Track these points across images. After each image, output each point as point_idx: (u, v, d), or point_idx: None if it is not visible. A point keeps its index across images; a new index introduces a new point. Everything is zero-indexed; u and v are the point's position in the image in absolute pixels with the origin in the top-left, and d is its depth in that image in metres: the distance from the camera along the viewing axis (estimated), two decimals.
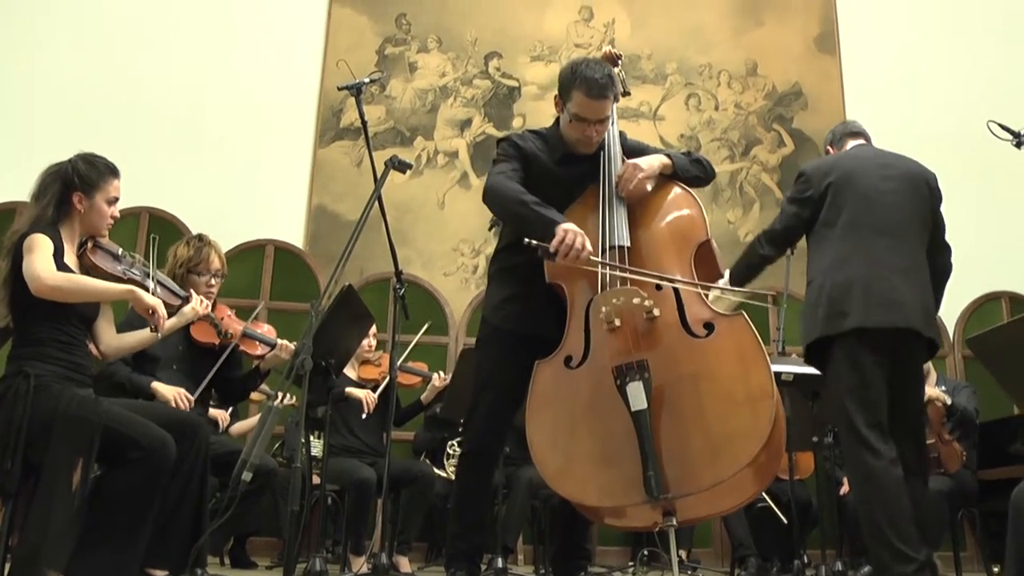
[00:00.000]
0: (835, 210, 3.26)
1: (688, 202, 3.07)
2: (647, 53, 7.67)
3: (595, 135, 3.09)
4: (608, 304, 2.81)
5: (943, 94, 7.57)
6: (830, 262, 3.21)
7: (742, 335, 2.68)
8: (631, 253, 2.95)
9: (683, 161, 3.19)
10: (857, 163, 3.34)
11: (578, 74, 3.03)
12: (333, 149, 7.14)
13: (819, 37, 7.77)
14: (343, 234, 6.57)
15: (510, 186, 2.99)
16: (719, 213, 7.25)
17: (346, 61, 6.52)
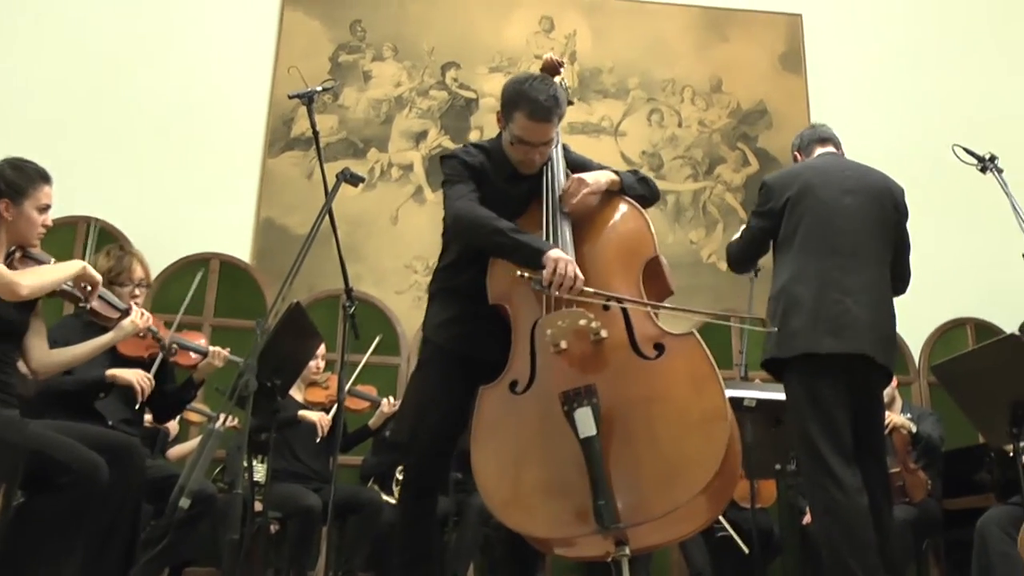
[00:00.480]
0: (792, 225, 3.30)
1: (635, 217, 3.06)
2: (609, 66, 7.73)
3: (538, 158, 3.08)
4: (553, 326, 2.80)
5: (909, 116, 7.73)
6: (786, 279, 3.25)
7: (694, 355, 2.68)
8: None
9: (630, 179, 3.19)
10: (819, 175, 3.37)
11: (522, 95, 3.00)
12: (283, 160, 7.09)
13: (785, 55, 7.90)
14: (292, 249, 6.46)
15: (481, 213, 2.97)
16: (681, 233, 7.31)
17: (298, 68, 6.50)
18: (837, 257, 3.21)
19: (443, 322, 3.15)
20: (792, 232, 3.30)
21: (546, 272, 2.78)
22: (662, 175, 7.47)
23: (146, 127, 6.91)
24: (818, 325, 3.12)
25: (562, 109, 3.06)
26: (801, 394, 3.18)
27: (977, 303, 7.23)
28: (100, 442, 2.88)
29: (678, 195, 7.44)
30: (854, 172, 3.41)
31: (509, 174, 3.15)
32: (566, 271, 2.77)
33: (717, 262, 7.25)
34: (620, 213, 3.10)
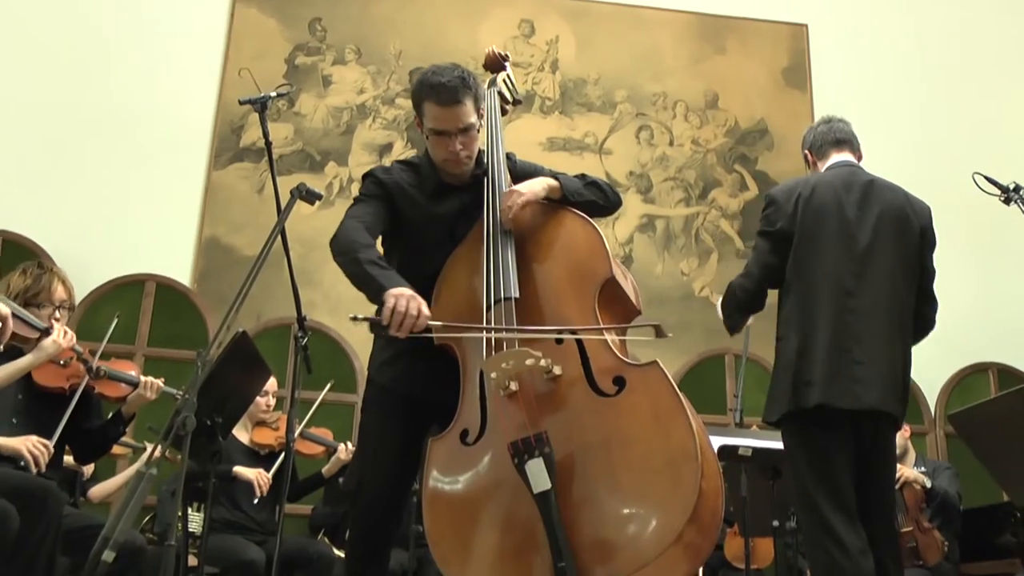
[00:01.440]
0: (803, 252, 3.28)
1: (585, 232, 3.02)
2: (594, 77, 7.78)
3: (461, 149, 3.06)
4: (497, 369, 2.76)
5: (925, 141, 7.78)
6: (798, 317, 3.24)
7: (657, 388, 2.64)
8: (521, 305, 2.90)
9: (574, 183, 3.15)
10: (833, 194, 3.34)
11: (425, 83, 3.03)
12: (230, 172, 7.06)
13: (788, 70, 7.98)
14: (239, 271, 6.48)
15: (351, 238, 2.96)
16: (671, 263, 7.33)
17: (249, 70, 6.46)
18: (851, 299, 3.20)
19: (388, 360, 3.14)
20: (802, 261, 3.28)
21: (384, 311, 2.74)
22: (651, 198, 7.51)
23: (74, 131, 6.85)
24: (830, 375, 3.11)
25: (475, 90, 3.05)
26: (798, 444, 3.17)
27: (999, 346, 7.26)
28: (9, 487, 2.81)
29: (668, 221, 7.47)
30: (873, 193, 3.37)
31: (435, 187, 3.14)
32: (406, 308, 2.72)
33: (711, 295, 7.27)
34: (565, 228, 3.05)
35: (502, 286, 2.91)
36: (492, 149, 3.22)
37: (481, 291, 2.93)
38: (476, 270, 3.00)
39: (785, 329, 3.27)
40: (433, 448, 2.87)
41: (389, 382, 3.11)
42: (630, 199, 7.39)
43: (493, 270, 2.94)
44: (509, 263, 2.95)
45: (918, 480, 5.14)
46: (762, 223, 3.43)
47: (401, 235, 3.18)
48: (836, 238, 3.26)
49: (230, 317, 2.82)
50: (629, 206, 7.34)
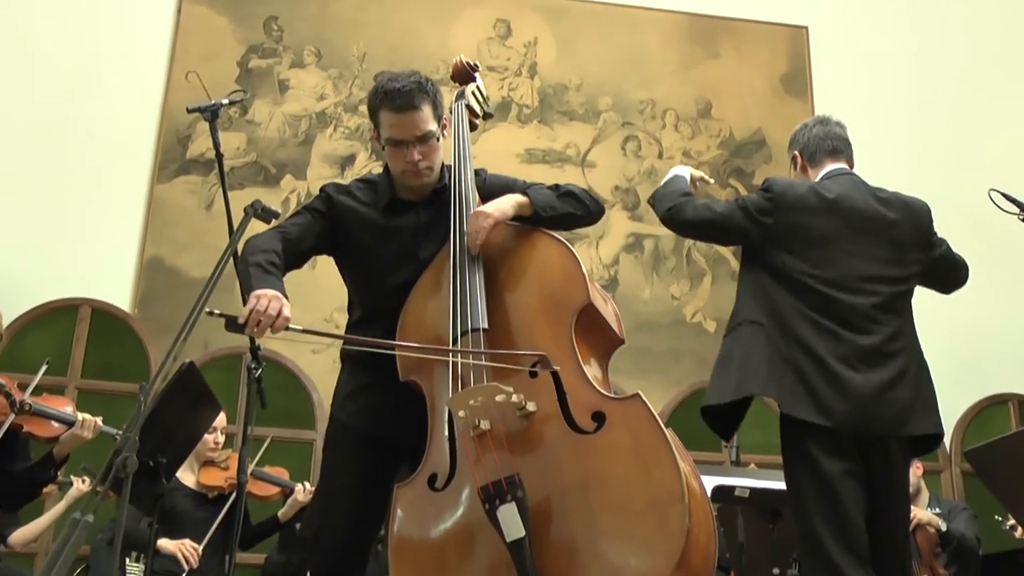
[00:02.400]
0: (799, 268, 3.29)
1: (559, 255, 3.02)
2: (576, 83, 7.82)
3: (420, 159, 3.07)
4: (464, 406, 2.76)
5: (936, 154, 7.83)
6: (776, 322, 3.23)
7: (639, 422, 2.64)
8: (491, 336, 2.91)
9: (545, 197, 3.14)
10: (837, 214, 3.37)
11: (380, 90, 3.06)
12: (176, 186, 7.04)
13: (787, 76, 8.06)
14: (185, 296, 6.45)
15: (258, 242, 3.01)
16: (660, 286, 7.35)
17: (198, 74, 6.43)
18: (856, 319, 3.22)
19: (351, 393, 3.16)
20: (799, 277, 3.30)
21: (245, 309, 2.76)
22: (638, 215, 7.53)
23: (1, 139, 6.83)
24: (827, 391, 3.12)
25: (433, 96, 3.08)
26: (807, 477, 3.17)
27: (1020, 376, 7.29)
28: None
29: (657, 240, 7.49)
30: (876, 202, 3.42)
31: (388, 202, 3.17)
32: (266, 307, 2.74)
33: (704, 321, 7.30)
34: (537, 251, 3.06)
35: (469, 316, 2.91)
36: (460, 167, 3.23)
37: (447, 321, 2.93)
38: (441, 298, 3.01)
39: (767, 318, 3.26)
40: (399, 495, 2.87)
41: (351, 418, 3.11)
42: (616, 216, 7.42)
43: (460, 298, 2.95)
44: (477, 290, 2.96)
45: (932, 523, 5.15)
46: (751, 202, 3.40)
47: (356, 258, 3.20)
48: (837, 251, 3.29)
49: (177, 347, 2.80)
50: (615, 224, 7.37)
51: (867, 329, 3.21)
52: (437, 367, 2.93)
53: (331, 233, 3.16)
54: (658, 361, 6.97)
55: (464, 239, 3.05)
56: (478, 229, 3.02)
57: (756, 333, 3.25)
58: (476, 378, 2.82)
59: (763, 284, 3.30)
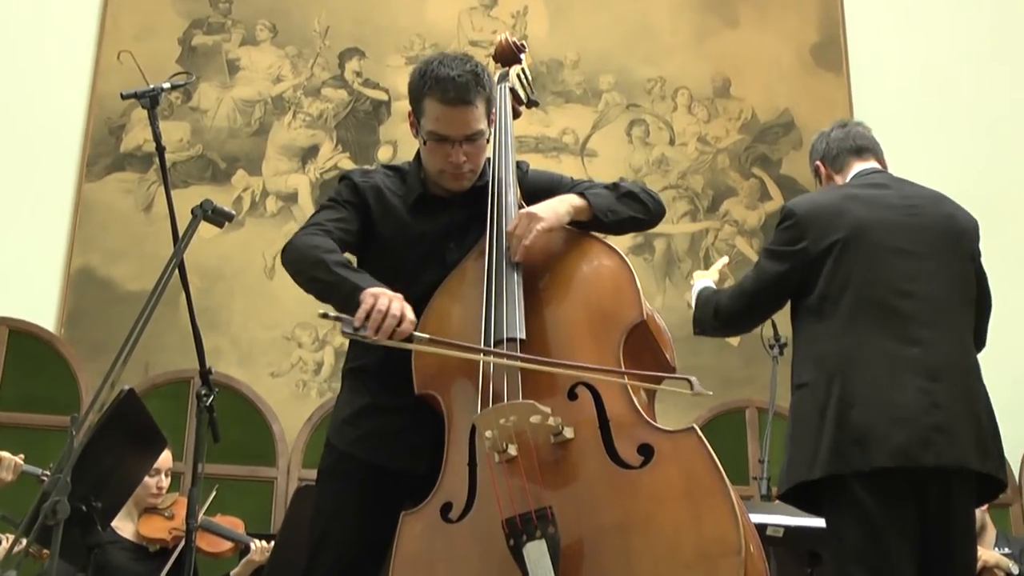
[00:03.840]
0: (838, 283, 3.31)
1: (611, 265, 3.05)
2: (572, 59, 7.82)
3: (464, 160, 3.10)
4: (494, 426, 2.77)
5: (988, 134, 7.80)
6: (835, 359, 3.25)
7: (693, 460, 2.66)
8: (528, 348, 2.92)
9: (606, 199, 3.18)
10: (872, 210, 3.39)
11: (429, 75, 3.06)
12: (108, 185, 7.03)
13: (818, 47, 8.04)
14: (120, 312, 6.44)
15: (313, 243, 3.02)
16: (673, 293, 7.33)
17: (132, 54, 6.43)
18: (911, 326, 3.23)
19: (350, 417, 3.16)
20: (837, 292, 3.31)
21: (360, 311, 2.77)
22: None
23: None
24: (896, 425, 3.12)
25: (488, 91, 3.12)
26: (851, 524, 3.17)
27: None
28: None
29: (670, 240, 7.49)
30: (917, 204, 3.44)
31: (417, 199, 3.19)
32: (387, 308, 2.76)
33: None
34: (587, 259, 3.09)
35: (505, 323, 2.93)
36: (501, 159, 3.26)
37: (478, 328, 2.95)
38: (470, 302, 3.03)
39: (813, 371, 3.29)
40: (405, 525, 2.87)
41: (350, 446, 3.12)
42: None
43: (496, 303, 2.97)
44: (515, 296, 2.98)
45: (1001, 565, 5.14)
46: (775, 242, 3.46)
47: (375, 257, 3.21)
48: (881, 264, 3.30)
49: (114, 373, 2.80)
50: None
51: (918, 338, 3.22)
52: (461, 379, 2.94)
53: (365, 224, 3.18)
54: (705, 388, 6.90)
55: (503, 240, 3.07)
56: (526, 233, 3.03)
57: (801, 399, 3.29)
58: (510, 395, 2.83)
59: (807, 326, 3.34)
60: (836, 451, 3.14)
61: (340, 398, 3.27)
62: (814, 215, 3.39)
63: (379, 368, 3.08)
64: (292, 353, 6.84)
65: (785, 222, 3.43)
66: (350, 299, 2.83)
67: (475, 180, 3.20)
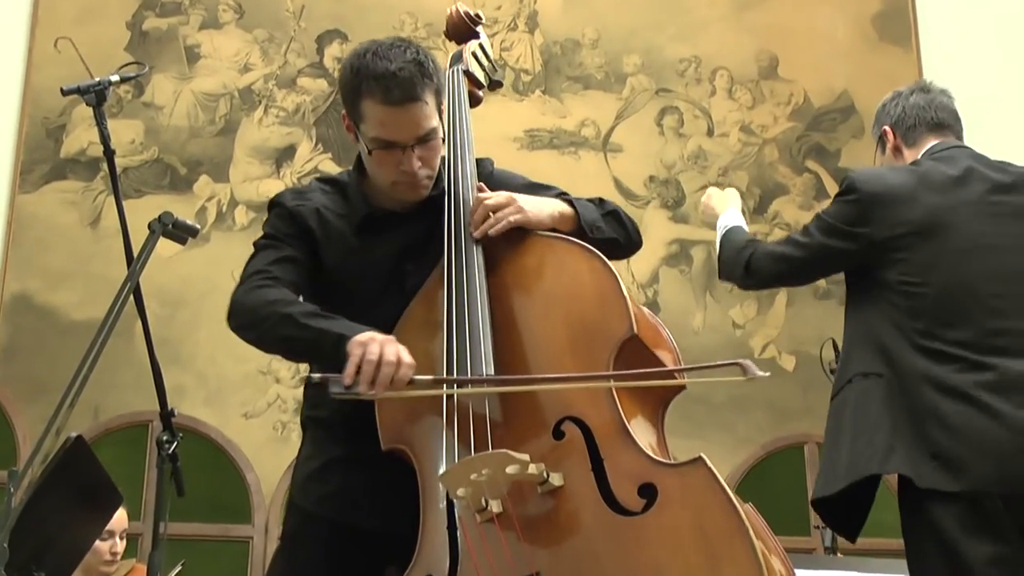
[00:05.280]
0: (912, 276, 3.29)
1: (590, 270, 2.99)
2: (591, 38, 7.84)
3: (420, 166, 3.05)
4: (464, 482, 2.73)
5: None
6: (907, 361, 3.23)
7: (704, 498, 2.61)
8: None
9: (592, 213, 3.17)
10: (950, 203, 3.38)
11: (364, 71, 3.00)
12: (46, 196, 7.07)
13: (881, 17, 8.05)
14: (64, 345, 6.46)
15: (267, 297, 2.97)
16: (716, 311, 7.34)
17: (72, 41, 6.46)
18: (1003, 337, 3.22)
19: (314, 473, 3.14)
20: (909, 287, 3.30)
21: (349, 365, 2.73)
22: (682, 215, 7.55)
23: None
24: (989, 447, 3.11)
25: (436, 80, 3.05)
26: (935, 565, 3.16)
27: None
28: None
29: (710, 248, 7.46)
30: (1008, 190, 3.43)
31: (365, 217, 3.15)
32: (380, 354, 2.72)
33: (779, 356, 7.29)
34: (561, 264, 3.04)
35: (469, 359, 2.89)
36: (458, 157, 3.22)
37: (442, 370, 2.92)
38: (434, 336, 2.98)
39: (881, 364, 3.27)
40: None
41: (317, 505, 3.10)
42: (653, 218, 7.42)
43: (457, 336, 2.93)
44: (479, 324, 2.94)
45: None
46: (834, 215, 3.44)
47: (324, 289, 3.16)
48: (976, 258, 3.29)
49: (59, 420, 2.80)
50: (652, 228, 7.36)
51: (1007, 347, 3.21)
52: (432, 429, 2.91)
53: (314, 258, 3.13)
54: (717, 413, 6.94)
55: (462, 255, 3.04)
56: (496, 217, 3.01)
57: (870, 388, 3.26)
58: (480, 444, 2.81)
59: (875, 318, 3.31)
60: (912, 459, 3.13)
61: (302, 451, 3.23)
62: (880, 197, 3.37)
63: (342, 416, 3.04)
64: (268, 390, 6.86)
65: (847, 195, 3.41)
66: (336, 353, 2.79)
67: (432, 187, 3.15)
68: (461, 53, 3.54)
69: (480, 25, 3.64)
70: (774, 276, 3.58)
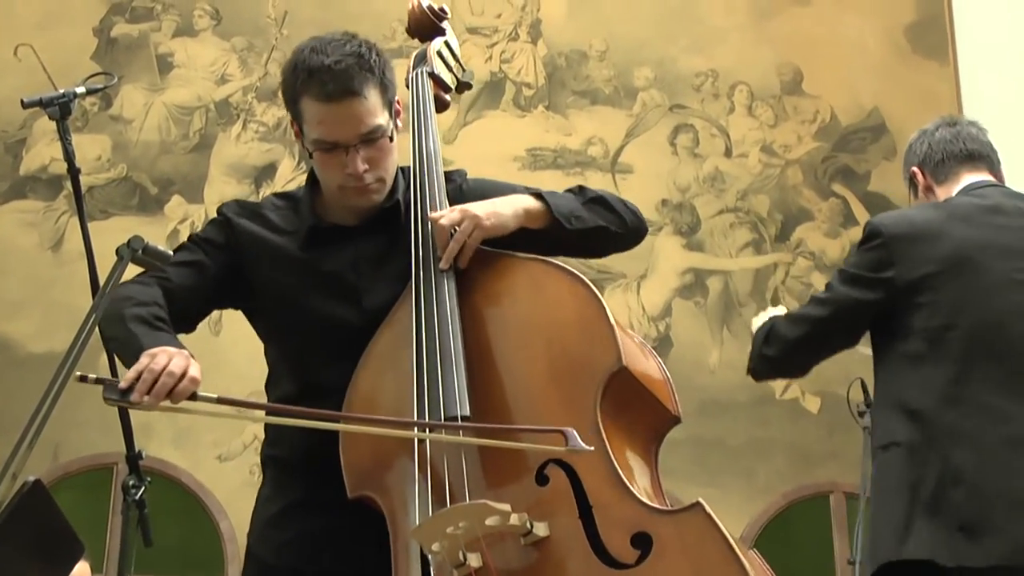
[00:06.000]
0: (940, 320, 3.30)
1: (572, 295, 2.97)
2: (598, 50, 7.86)
3: (367, 169, 3.04)
4: (440, 537, 2.72)
5: None
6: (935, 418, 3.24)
7: (703, 547, 2.60)
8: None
9: (567, 202, 3.13)
10: (980, 236, 3.39)
11: (300, 67, 3.02)
12: (3, 217, 7.12)
13: (915, 28, 8.07)
14: (21, 379, 6.46)
15: (127, 293, 2.98)
16: (734, 347, 7.31)
17: (34, 48, 6.48)
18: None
19: (273, 519, 3.14)
20: (938, 334, 3.31)
21: (130, 371, 2.73)
22: (697, 242, 7.55)
23: None
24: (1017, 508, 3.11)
25: (381, 72, 3.04)
26: None
27: None
28: None
29: (728, 278, 7.50)
30: None
31: (307, 232, 3.14)
32: (164, 366, 2.70)
33: (802, 397, 7.28)
34: (540, 290, 3.02)
35: (441, 398, 2.87)
36: (423, 167, 3.20)
37: (411, 406, 2.90)
38: (402, 370, 2.96)
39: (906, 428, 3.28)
40: None
41: (276, 555, 3.10)
42: (665, 244, 7.42)
43: (428, 372, 2.91)
44: (452, 358, 2.92)
45: None
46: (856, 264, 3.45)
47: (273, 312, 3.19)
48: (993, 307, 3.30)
49: (14, 463, 2.79)
50: (664, 256, 7.38)
51: None
52: (403, 474, 2.89)
53: (234, 276, 3.14)
54: (734, 458, 6.96)
55: (431, 281, 3.02)
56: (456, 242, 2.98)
57: (888, 462, 3.28)
58: (456, 492, 2.79)
59: (899, 376, 3.32)
60: (935, 536, 3.13)
61: (261, 493, 3.22)
62: (906, 237, 3.39)
63: (304, 456, 3.05)
64: (244, 430, 6.85)
65: (869, 241, 3.43)
66: (135, 360, 2.78)
67: (385, 195, 3.14)
68: (425, 52, 3.48)
69: (445, 20, 3.57)
70: (793, 344, 3.52)
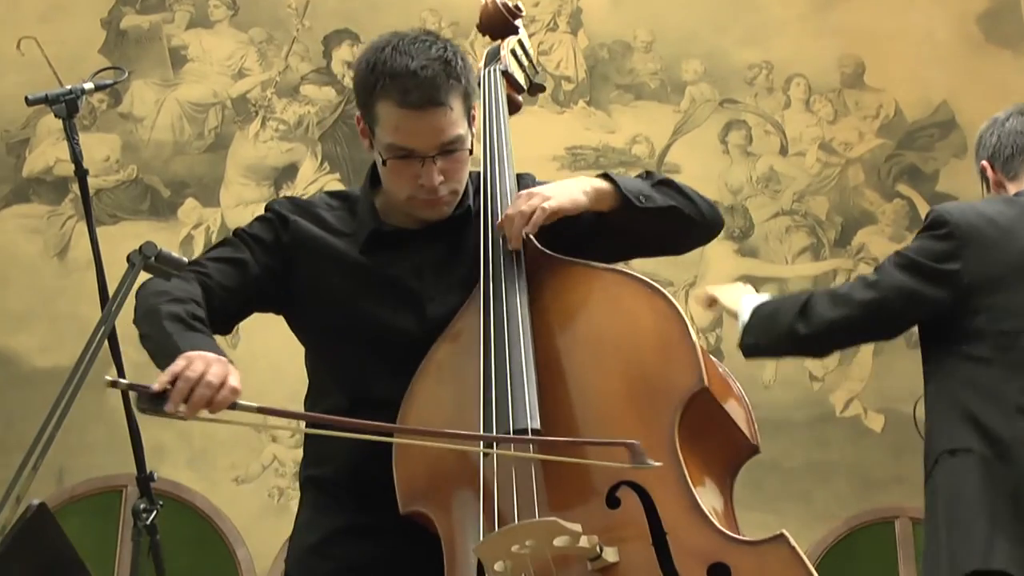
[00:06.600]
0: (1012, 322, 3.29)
1: (651, 310, 2.95)
2: (644, 41, 7.86)
3: (442, 181, 3.03)
4: (503, 556, 2.71)
5: None
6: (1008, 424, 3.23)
7: None
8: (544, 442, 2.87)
9: (637, 183, 3.14)
10: None
11: (380, 68, 2.99)
12: (5, 223, 7.14)
13: (988, 16, 8.03)
14: (25, 397, 6.51)
15: (163, 288, 2.97)
16: (791, 361, 7.27)
17: (38, 41, 6.51)
18: None
19: (317, 545, 3.12)
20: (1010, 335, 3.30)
21: (163, 377, 2.69)
22: (751, 247, 7.55)
23: None
24: None
25: (466, 82, 3.03)
26: None
27: None
28: None
29: (783, 285, 7.48)
30: None
31: (368, 237, 3.14)
32: (201, 374, 2.67)
33: (864, 415, 7.26)
34: (616, 302, 3.01)
35: (511, 410, 2.86)
36: (494, 172, 3.21)
37: (474, 417, 2.89)
38: (465, 381, 2.95)
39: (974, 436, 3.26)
40: None
41: None
42: (716, 250, 7.39)
43: (496, 382, 2.91)
44: (523, 369, 2.92)
45: None
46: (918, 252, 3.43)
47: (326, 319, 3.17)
48: None
49: (17, 486, 2.80)
50: (715, 262, 7.38)
51: None
52: (461, 490, 2.89)
53: (279, 278, 3.13)
54: (791, 482, 6.94)
55: (503, 286, 3.01)
56: (522, 214, 2.97)
57: (960, 468, 3.26)
58: (523, 508, 2.78)
59: (959, 381, 3.31)
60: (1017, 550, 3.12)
61: (300, 517, 3.21)
62: (975, 230, 3.38)
63: (351, 477, 3.05)
64: (264, 450, 6.87)
65: (935, 229, 3.42)
66: (169, 362, 2.75)
67: (455, 205, 3.14)
68: (498, 50, 3.50)
69: (519, 19, 3.58)
70: (829, 324, 3.47)
